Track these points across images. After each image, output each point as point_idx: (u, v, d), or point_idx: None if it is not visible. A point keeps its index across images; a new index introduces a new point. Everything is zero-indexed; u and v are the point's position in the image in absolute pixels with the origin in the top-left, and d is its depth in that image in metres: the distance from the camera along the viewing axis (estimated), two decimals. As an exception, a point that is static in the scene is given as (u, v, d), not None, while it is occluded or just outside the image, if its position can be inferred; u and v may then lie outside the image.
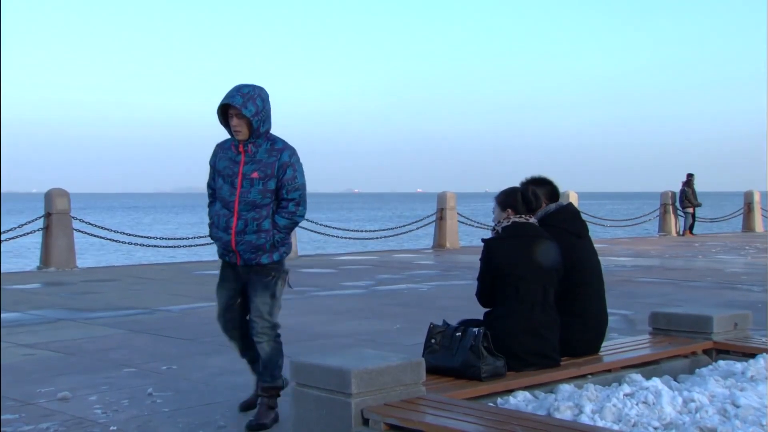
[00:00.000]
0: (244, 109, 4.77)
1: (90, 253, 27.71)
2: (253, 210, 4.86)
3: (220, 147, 5.05)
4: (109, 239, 16.77)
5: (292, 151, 4.93)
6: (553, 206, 5.43)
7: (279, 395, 5.07)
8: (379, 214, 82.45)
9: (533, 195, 5.21)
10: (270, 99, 4.93)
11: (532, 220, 5.11)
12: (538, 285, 4.93)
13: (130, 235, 17.09)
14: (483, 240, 5.13)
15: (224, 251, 5.01)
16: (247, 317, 5.08)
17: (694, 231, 25.46)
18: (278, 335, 5.06)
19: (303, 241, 20.88)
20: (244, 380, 5.91)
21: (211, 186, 5.09)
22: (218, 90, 4.93)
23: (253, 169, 4.86)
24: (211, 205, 5.09)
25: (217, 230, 4.99)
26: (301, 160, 4.98)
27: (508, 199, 5.10)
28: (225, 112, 4.91)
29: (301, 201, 4.94)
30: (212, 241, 5.11)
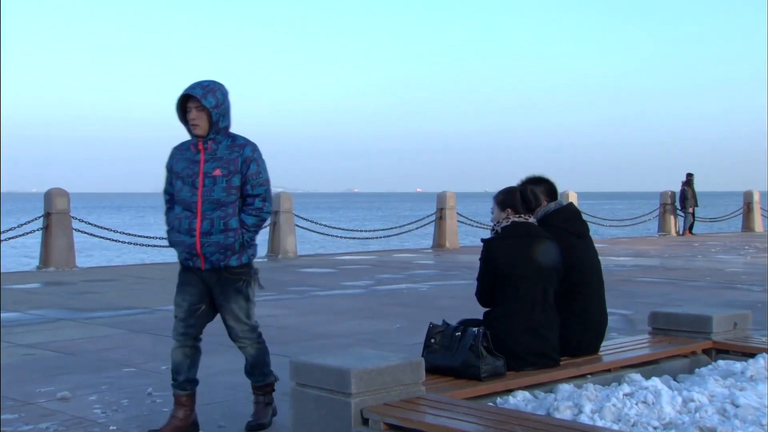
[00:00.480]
0: (204, 100, 4.59)
1: (90, 253, 27.71)
2: (219, 209, 4.66)
3: (177, 149, 4.85)
4: (109, 239, 16.78)
5: (254, 147, 4.77)
6: (553, 205, 5.42)
7: (273, 390, 5.03)
8: (379, 214, 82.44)
9: (532, 194, 5.21)
10: (230, 97, 4.74)
11: (532, 219, 5.11)
12: (538, 285, 4.93)
13: (129, 234, 17.09)
14: (483, 240, 5.13)
15: (188, 255, 4.77)
16: (219, 323, 4.87)
17: (694, 231, 25.47)
18: (260, 335, 4.93)
19: (303, 240, 20.87)
20: (243, 380, 5.91)
21: (168, 191, 4.86)
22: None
23: (215, 166, 4.67)
24: (169, 211, 4.86)
25: (179, 234, 4.75)
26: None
27: (507, 199, 5.09)
28: (184, 108, 4.72)
29: (266, 197, 4.76)
30: (171, 246, 4.86)
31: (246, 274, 4.81)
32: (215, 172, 4.67)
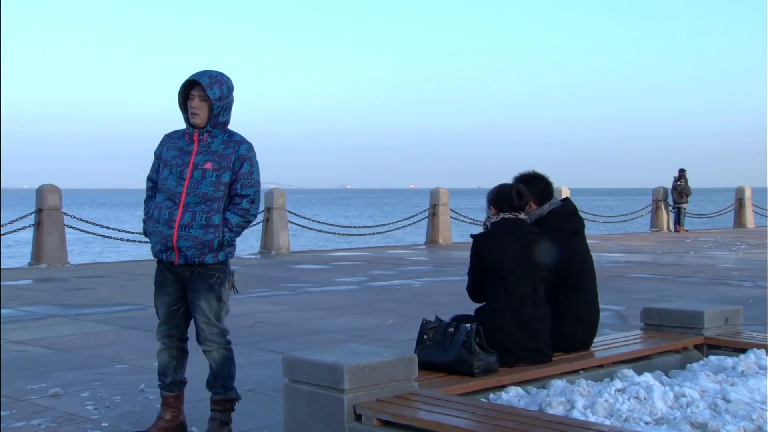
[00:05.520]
0: (209, 90, 4.45)
1: (82, 250, 27.65)
2: (204, 203, 4.49)
3: (169, 137, 4.68)
4: (102, 235, 16.75)
5: (250, 146, 4.61)
6: (547, 207, 5.36)
7: (233, 409, 4.77)
8: (374, 211, 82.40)
9: (517, 193, 5.12)
10: (234, 94, 4.61)
11: (522, 216, 5.11)
12: (527, 279, 4.94)
13: (122, 231, 17.05)
14: (472, 236, 5.14)
15: (162, 248, 4.55)
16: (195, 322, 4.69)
17: (685, 226, 25.53)
18: (228, 342, 4.71)
19: (296, 237, 20.86)
20: (246, 375, 5.90)
21: (152, 179, 4.71)
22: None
23: (207, 159, 4.51)
24: (149, 199, 4.70)
25: (156, 224, 4.55)
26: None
27: (492, 198, 5.11)
28: (186, 95, 4.57)
29: (255, 199, 4.58)
30: (146, 236, 4.67)
31: (221, 271, 4.60)
32: (206, 165, 4.51)
